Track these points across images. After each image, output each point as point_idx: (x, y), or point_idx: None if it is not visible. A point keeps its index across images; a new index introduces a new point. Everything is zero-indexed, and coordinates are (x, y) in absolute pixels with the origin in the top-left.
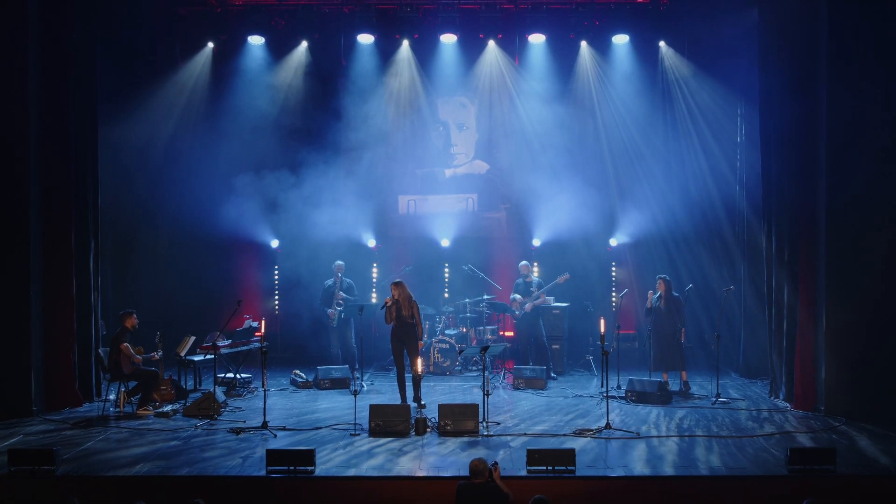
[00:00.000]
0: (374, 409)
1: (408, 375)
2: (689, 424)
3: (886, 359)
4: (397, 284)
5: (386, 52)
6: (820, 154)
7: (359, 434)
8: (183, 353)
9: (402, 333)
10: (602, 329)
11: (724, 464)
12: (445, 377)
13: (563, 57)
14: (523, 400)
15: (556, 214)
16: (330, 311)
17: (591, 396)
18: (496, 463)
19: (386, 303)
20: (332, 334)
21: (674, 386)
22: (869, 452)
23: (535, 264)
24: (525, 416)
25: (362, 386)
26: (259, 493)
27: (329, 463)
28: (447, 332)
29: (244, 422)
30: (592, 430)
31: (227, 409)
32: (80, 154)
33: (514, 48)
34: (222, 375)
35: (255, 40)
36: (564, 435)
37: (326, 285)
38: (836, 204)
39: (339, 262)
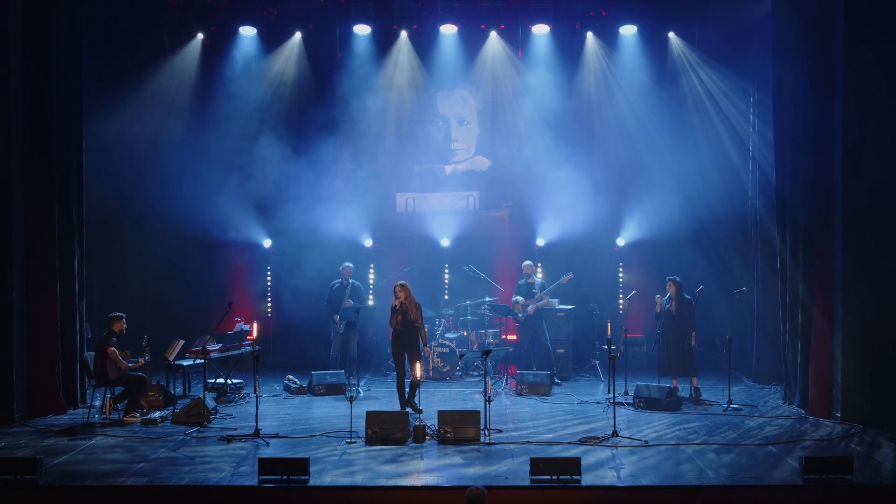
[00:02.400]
0: (371, 416)
1: (408, 381)
2: (700, 432)
3: None
4: (403, 286)
5: (383, 43)
6: (837, 149)
7: (355, 442)
8: (171, 358)
9: (405, 338)
10: (609, 332)
11: (737, 473)
12: (445, 383)
13: (569, 48)
14: (526, 406)
15: (560, 212)
16: (336, 315)
17: (598, 403)
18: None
19: (395, 305)
20: (335, 338)
21: (684, 392)
22: (887, 461)
23: (539, 265)
24: (528, 423)
25: (358, 392)
26: (251, 503)
27: (324, 472)
28: (447, 335)
29: (235, 429)
30: (599, 438)
31: (218, 416)
32: (64, 149)
33: (517, 39)
34: (212, 381)
35: (247, 31)
36: (569, 443)
37: (334, 287)
38: (853, 201)
39: (348, 265)
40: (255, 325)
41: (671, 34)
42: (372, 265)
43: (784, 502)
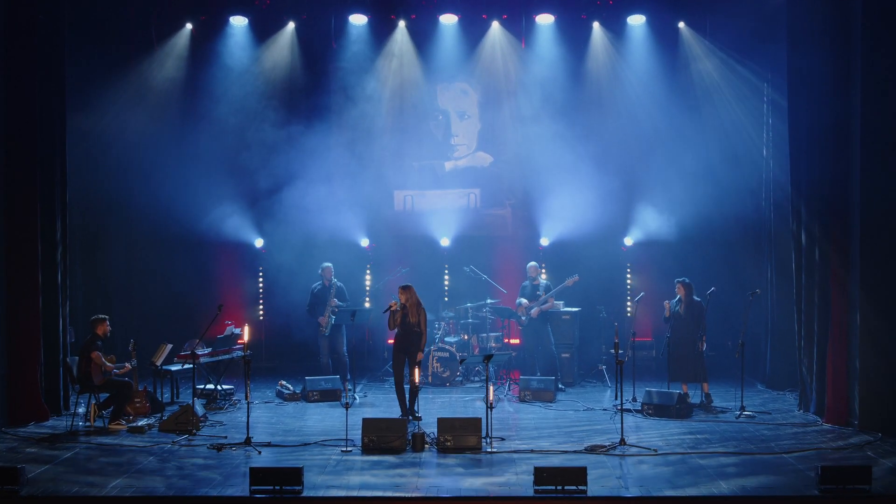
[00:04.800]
0: (368, 424)
1: (407, 387)
2: (711, 440)
3: None
4: (405, 288)
5: (380, 34)
6: (854, 144)
7: (351, 450)
8: (159, 363)
9: (405, 342)
10: (616, 336)
11: (750, 483)
12: (445, 388)
13: (574, 39)
14: (530, 413)
15: (565, 211)
16: (321, 318)
17: (605, 410)
18: None
19: (391, 306)
20: (322, 343)
21: (694, 398)
22: None
23: (543, 265)
24: (532, 431)
25: (354, 398)
26: None
27: (318, 482)
28: (447, 339)
29: (226, 437)
30: (606, 447)
31: (207, 423)
32: (46, 145)
33: (521, 30)
34: (202, 387)
35: (238, 21)
36: (575, 452)
37: (314, 290)
38: (872, 198)
39: (328, 265)
40: (246, 329)
41: (681, 24)
42: (368, 266)
43: None
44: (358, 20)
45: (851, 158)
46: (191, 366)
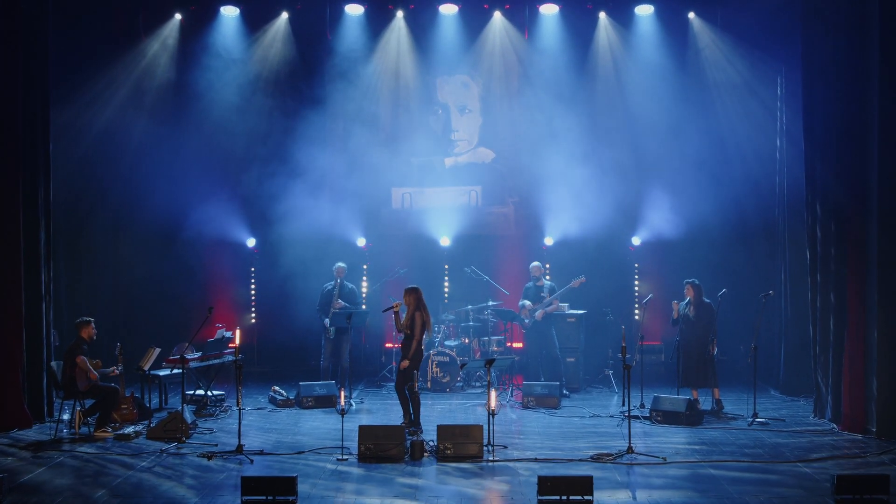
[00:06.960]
0: (364, 431)
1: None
2: (723, 448)
3: None
4: (407, 291)
5: (377, 24)
6: (872, 137)
7: (347, 459)
8: (147, 368)
9: (403, 346)
10: (623, 340)
11: (763, 493)
12: (445, 394)
13: (579, 30)
14: (534, 420)
15: (570, 209)
16: (327, 319)
17: (611, 416)
18: None
19: (394, 307)
20: (326, 345)
21: (705, 405)
22: None
23: (547, 266)
24: (536, 438)
25: (350, 404)
26: None
27: (313, 492)
28: (447, 343)
29: (216, 445)
30: (612, 455)
31: (197, 430)
32: (29, 140)
33: (524, 20)
34: (191, 392)
35: (229, 11)
36: (580, 460)
37: (325, 289)
38: (890, 196)
39: (341, 265)
40: (237, 332)
41: (691, 14)
42: (365, 266)
43: None
44: (354, 10)
45: (869, 153)
46: (180, 371)
